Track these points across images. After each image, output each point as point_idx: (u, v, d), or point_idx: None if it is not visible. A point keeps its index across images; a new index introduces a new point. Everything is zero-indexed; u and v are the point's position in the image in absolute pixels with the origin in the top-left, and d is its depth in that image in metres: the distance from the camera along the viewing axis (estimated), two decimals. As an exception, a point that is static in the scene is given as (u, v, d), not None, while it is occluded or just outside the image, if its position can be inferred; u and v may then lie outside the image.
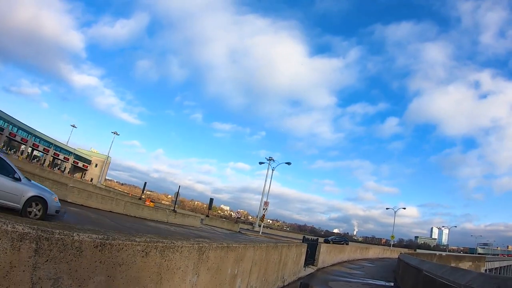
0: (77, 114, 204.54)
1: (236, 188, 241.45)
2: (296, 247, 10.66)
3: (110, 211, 24.03)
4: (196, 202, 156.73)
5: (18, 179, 9.68)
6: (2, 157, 9.64)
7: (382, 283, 15.07)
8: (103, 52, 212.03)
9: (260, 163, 47.85)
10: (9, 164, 9.66)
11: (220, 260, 4.51)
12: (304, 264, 12.62)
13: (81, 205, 22.25)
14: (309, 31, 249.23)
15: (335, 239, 53.08)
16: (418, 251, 71.86)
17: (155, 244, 3.07)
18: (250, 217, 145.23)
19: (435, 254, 52.15)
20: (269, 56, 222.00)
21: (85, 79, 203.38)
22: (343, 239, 53.95)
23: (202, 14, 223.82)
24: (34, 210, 10.16)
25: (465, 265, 39.68)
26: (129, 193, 66.28)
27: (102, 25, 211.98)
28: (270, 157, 47.03)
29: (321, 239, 49.61)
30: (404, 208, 75.71)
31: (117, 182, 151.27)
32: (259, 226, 44.42)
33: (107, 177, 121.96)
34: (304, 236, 14.19)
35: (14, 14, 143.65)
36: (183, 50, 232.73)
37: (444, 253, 62.81)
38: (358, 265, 22.06)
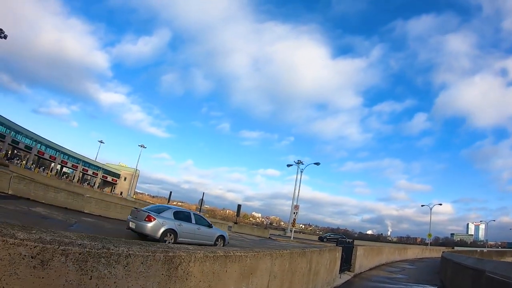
0: (105, 131, 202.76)
1: (267, 195, 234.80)
2: (330, 252, 8.94)
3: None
4: (227, 211, 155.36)
5: (211, 226, 15.17)
6: (200, 214, 16.40)
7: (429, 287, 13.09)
8: (128, 70, 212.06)
9: (288, 165, 46.26)
10: (205, 218, 15.68)
11: (213, 276, 2.95)
12: (340, 270, 10.83)
13: (99, 215, 21.31)
14: (329, 33, 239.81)
15: (330, 236, 51.19)
16: (456, 248, 67.61)
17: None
18: (282, 223, 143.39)
19: (476, 250, 48.85)
20: (292, 61, 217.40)
21: (112, 96, 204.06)
22: (339, 235, 51.68)
23: (222, 26, 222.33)
24: (218, 243, 15.21)
25: (509, 260, 36.38)
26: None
27: (125, 43, 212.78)
28: (298, 160, 45.41)
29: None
30: (440, 204, 71.43)
31: (148, 195, 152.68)
32: (291, 231, 42.49)
33: (137, 190, 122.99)
34: (337, 239, 12.37)
35: (38, 39, 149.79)
36: (206, 62, 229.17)
37: (485, 249, 58.78)
38: (398, 268, 19.92)
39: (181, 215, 13.98)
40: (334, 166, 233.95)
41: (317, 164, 45.15)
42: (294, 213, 39.38)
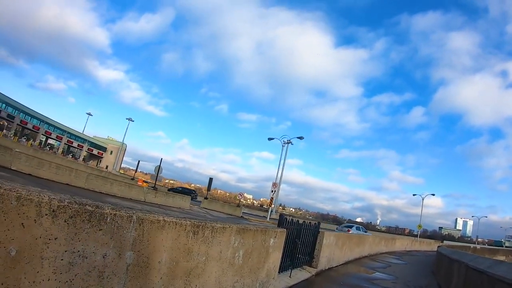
0: (102, 107, 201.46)
1: (261, 177, 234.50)
2: (257, 235, 4.87)
3: (67, 184, 19.38)
4: (219, 191, 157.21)
5: None
6: None
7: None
8: (128, 47, 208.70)
9: (269, 139, 41.94)
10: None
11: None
12: (281, 267, 6.64)
13: (29, 174, 17.96)
14: (334, 22, 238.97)
15: (178, 189, 46.29)
16: (446, 242, 64.51)
17: None
18: (273, 206, 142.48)
19: (469, 247, 46.00)
20: (295, 47, 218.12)
21: (110, 73, 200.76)
22: (190, 190, 49.63)
23: (228, 8, 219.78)
24: None
25: (501, 259, 33.08)
26: (139, 179, 61.27)
27: (127, 20, 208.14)
28: (283, 136, 41.23)
29: (331, 227, 43.39)
30: (433, 195, 67.60)
31: (140, 171, 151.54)
32: (271, 212, 38.70)
33: (130, 167, 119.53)
34: (281, 215, 7.95)
35: (39, 13, 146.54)
36: (208, 43, 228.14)
37: (478, 246, 55.68)
38: (383, 263, 15.77)
39: None
40: (329, 153, 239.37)
41: (301, 138, 40.93)
42: (272, 191, 35.26)
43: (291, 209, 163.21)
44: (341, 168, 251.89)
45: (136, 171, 52.29)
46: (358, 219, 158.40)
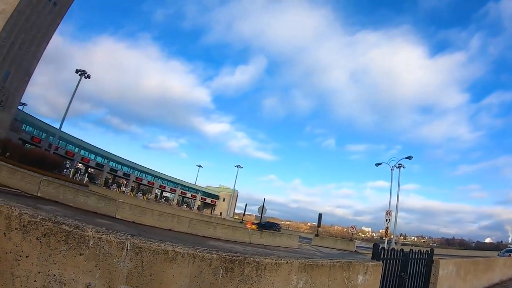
0: (213, 159, 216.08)
1: (378, 208, 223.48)
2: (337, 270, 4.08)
3: (170, 230, 20.45)
4: (336, 227, 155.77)
5: None
6: None
7: None
8: (229, 100, 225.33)
9: (377, 164, 39.54)
10: None
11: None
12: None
13: (132, 222, 19.52)
14: (423, 32, 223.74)
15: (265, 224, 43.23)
16: None
17: None
18: (392, 236, 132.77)
19: None
20: (389, 67, 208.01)
21: (216, 127, 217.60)
22: (273, 224, 47.96)
23: (314, 44, 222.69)
24: None
25: None
26: (247, 222, 62.97)
27: (223, 76, 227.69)
28: (391, 159, 38.75)
29: (457, 252, 36.82)
30: None
31: (255, 215, 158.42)
32: (389, 243, 35.48)
33: (248, 212, 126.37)
34: (375, 244, 6.66)
35: (143, 83, 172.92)
36: (304, 81, 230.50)
37: None
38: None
39: None
40: (446, 171, 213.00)
41: (409, 158, 37.66)
42: (386, 220, 32.24)
43: (413, 237, 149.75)
44: (462, 186, 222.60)
45: (244, 214, 53.84)
46: (487, 240, 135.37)
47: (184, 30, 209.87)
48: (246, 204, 57.49)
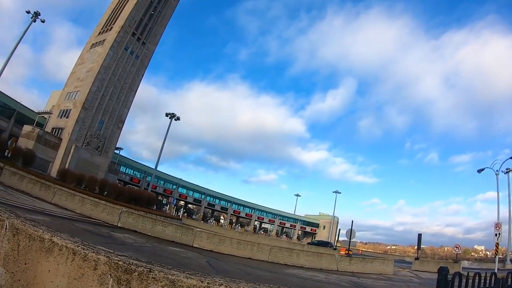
0: (313, 187, 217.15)
1: (490, 223, 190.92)
2: None
3: (249, 258, 19.36)
4: (446, 248, 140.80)
5: None
6: None
7: None
8: (323, 126, 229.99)
9: (479, 171, 34.01)
10: None
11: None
12: None
13: (210, 250, 19.08)
14: (510, 17, 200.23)
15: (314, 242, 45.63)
16: None
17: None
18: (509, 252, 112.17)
19: None
20: (483, 64, 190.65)
21: (314, 155, 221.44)
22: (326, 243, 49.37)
23: (399, 56, 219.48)
24: None
25: None
26: (341, 248, 59.25)
27: (315, 103, 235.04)
28: (495, 162, 33.14)
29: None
30: None
31: (360, 242, 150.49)
32: (503, 262, 29.34)
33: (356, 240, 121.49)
34: (440, 268, 4.34)
35: (238, 121, 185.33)
36: (396, 96, 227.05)
37: None
38: None
39: None
40: None
41: (513, 158, 31.19)
42: (495, 235, 26.41)
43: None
44: None
45: (337, 240, 50.75)
46: None
47: (269, 65, 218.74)
48: (339, 230, 54.25)
